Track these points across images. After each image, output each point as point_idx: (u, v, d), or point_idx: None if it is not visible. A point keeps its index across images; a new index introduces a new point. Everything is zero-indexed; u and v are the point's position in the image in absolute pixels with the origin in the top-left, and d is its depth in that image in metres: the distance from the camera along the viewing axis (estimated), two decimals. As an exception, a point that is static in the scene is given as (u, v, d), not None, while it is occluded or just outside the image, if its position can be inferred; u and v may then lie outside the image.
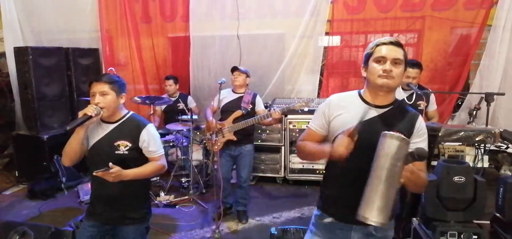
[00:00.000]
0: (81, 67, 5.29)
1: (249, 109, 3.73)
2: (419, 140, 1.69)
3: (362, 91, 1.77)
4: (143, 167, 2.14)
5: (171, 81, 5.16)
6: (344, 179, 1.64)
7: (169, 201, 4.33)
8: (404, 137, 1.49)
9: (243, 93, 3.80)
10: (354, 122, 1.60)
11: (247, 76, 3.86)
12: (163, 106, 5.21)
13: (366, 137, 1.57)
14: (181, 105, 4.64)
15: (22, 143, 5.03)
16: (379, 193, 1.44)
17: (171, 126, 4.67)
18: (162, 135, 4.88)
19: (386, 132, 1.48)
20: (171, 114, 5.03)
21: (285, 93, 5.18)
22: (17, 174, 5.10)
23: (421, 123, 1.72)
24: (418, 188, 1.66)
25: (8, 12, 5.51)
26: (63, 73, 5.08)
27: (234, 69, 3.82)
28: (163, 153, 2.24)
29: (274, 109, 3.50)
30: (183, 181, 4.82)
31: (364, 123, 1.60)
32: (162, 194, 4.40)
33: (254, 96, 3.84)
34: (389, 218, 1.48)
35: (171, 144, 4.80)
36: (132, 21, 5.53)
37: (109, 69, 4.69)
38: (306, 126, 4.81)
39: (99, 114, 2.04)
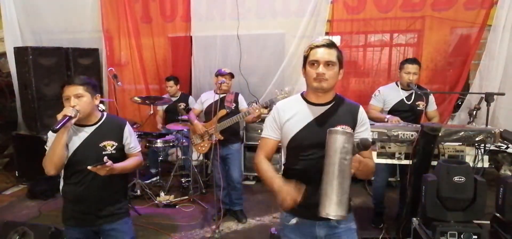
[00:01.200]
0: (81, 67, 5.29)
1: (232, 108, 3.77)
2: (363, 130, 1.81)
3: (304, 92, 1.86)
4: (127, 161, 2.23)
5: (171, 82, 5.17)
6: (301, 179, 1.70)
7: (169, 201, 4.33)
8: (348, 130, 1.61)
9: (226, 93, 3.82)
10: (302, 124, 1.75)
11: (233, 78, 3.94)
12: (164, 106, 5.22)
13: (314, 136, 1.68)
14: (182, 105, 4.64)
15: (22, 143, 5.03)
16: (334, 188, 1.52)
17: (171, 126, 4.67)
18: (162, 135, 4.88)
19: (331, 128, 1.56)
20: (172, 114, 5.04)
21: (284, 92, 5.17)
22: (17, 174, 5.10)
23: (362, 114, 1.83)
24: (367, 175, 1.80)
25: (8, 12, 5.51)
26: (63, 73, 5.08)
27: (225, 74, 3.81)
28: (140, 149, 2.34)
29: (254, 105, 3.52)
30: (183, 181, 4.82)
31: (311, 123, 1.75)
32: (162, 194, 4.40)
33: (237, 94, 3.89)
34: (348, 210, 1.58)
35: (171, 144, 4.80)
36: (132, 21, 5.53)
37: (109, 69, 4.69)
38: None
39: (76, 116, 2.02)
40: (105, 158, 2.01)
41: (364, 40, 5.23)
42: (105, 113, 2.26)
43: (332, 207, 1.52)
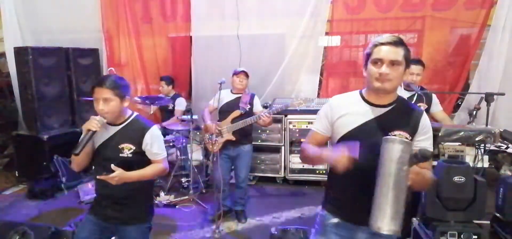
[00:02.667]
0: (81, 67, 5.29)
1: (247, 109, 3.73)
2: (424, 138, 1.66)
3: (363, 90, 1.74)
4: (145, 169, 2.13)
5: (163, 82, 5.19)
6: (348, 180, 1.60)
7: (169, 201, 4.33)
8: (406, 139, 1.47)
9: (241, 93, 3.81)
10: (357, 122, 1.62)
11: (248, 78, 3.88)
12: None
13: (369, 138, 1.56)
14: (170, 106, 4.63)
15: (22, 143, 5.02)
16: (389, 201, 1.41)
17: (171, 126, 4.67)
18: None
19: (387, 137, 1.46)
20: (165, 114, 5.08)
21: (285, 93, 5.18)
22: (17, 174, 5.09)
23: (425, 121, 1.69)
24: (423, 188, 1.66)
25: (8, 12, 5.51)
26: (63, 73, 5.08)
27: (241, 73, 3.80)
28: (165, 155, 2.23)
29: (268, 112, 3.53)
30: (183, 181, 4.82)
31: (367, 123, 1.62)
32: (162, 194, 4.40)
33: (252, 96, 3.85)
34: (401, 225, 1.45)
35: (171, 144, 4.80)
36: (133, 21, 5.53)
37: (109, 69, 4.69)
38: (306, 126, 4.85)
39: (103, 123, 2.03)
40: (113, 166, 1.97)
41: (364, 40, 5.22)
42: (135, 114, 2.21)
43: (386, 221, 1.41)
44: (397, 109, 1.67)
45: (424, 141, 1.65)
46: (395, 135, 1.58)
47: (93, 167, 2.18)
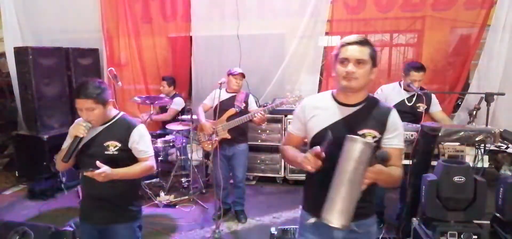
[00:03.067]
0: (81, 67, 5.29)
1: (242, 108, 3.76)
2: (392, 136, 1.70)
3: (335, 90, 1.79)
4: (132, 167, 2.14)
5: (164, 82, 5.21)
6: (321, 179, 1.64)
7: (169, 201, 4.33)
8: (368, 141, 1.53)
9: (236, 92, 3.83)
10: (327, 122, 1.69)
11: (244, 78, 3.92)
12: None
13: (339, 137, 1.58)
14: (168, 106, 4.63)
15: (22, 143, 5.03)
16: (340, 196, 1.47)
17: (170, 126, 4.67)
18: (161, 135, 4.89)
19: (349, 135, 1.51)
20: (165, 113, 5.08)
21: (285, 93, 5.16)
22: (17, 174, 5.10)
23: (394, 118, 1.72)
24: (390, 184, 1.71)
25: (8, 12, 5.51)
26: (63, 73, 5.09)
27: (238, 74, 3.82)
28: (153, 154, 2.24)
29: (262, 110, 3.58)
30: (183, 181, 4.82)
31: (337, 123, 1.68)
32: (162, 194, 4.40)
33: (247, 95, 3.88)
34: (351, 219, 1.51)
35: (171, 144, 4.80)
36: (133, 21, 5.53)
37: (109, 69, 4.68)
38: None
39: (89, 128, 2.05)
40: (98, 162, 1.96)
41: (364, 40, 5.22)
42: (121, 113, 2.23)
43: (335, 214, 1.48)
44: (366, 108, 1.72)
45: (394, 138, 1.70)
46: (363, 134, 1.63)
47: (79, 168, 2.18)
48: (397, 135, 1.71)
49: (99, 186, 2.06)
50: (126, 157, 2.15)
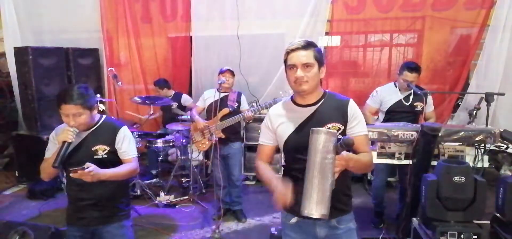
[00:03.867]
0: (81, 67, 5.29)
1: (235, 107, 3.79)
2: (356, 124, 1.78)
3: (293, 95, 1.87)
4: (119, 168, 2.14)
5: (157, 87, 5.21)
6: (298, 179, 1.70)
7: (169, 201, 4.33)
8: (329, 130, 1.61)
9: (228, 92, 3.84)
10: (294, 126, 1.78)
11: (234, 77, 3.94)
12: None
13: (305, 138, 1.63)
14: (175, 105, 4.64)
15: (22, 143, 5.03)
16: (314, 187, 1.53)
17: (170, 126, 4.67)
18: (162, 135, 4.88)
19: (312, 128, 1.57)
20: (167, 114, 5.06)
21: (286, 92, 5.18)
22: (17, 174, 5.10)
23: (352, 108, 1.79)
24: (363, 170, 1.79)
25: (8, 12, 5.51)
26: (63, 73, 5.08)
27: (227, 71, 3.84)
28: (136, 156, 2.24)
29: (252, 110, 3.69)
30: (183, 181, 4.82)
31: (302, 125, 1.76)
32: (162, 194, 4.40)
33: (239, 94, 3.91)
34: (329, 209, 1.55)
35: (171, 144, 4.80)
36: (132, 21, 5.53)
37: (109, 69, 4.69)
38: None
39: (76, 133, 2.04)
40: (87, 163, 1.95)
41: (364, 40, 5.23)
42: (103, 116, 2.23)
43: (312, 206, 1.53)
44: (325, 104, 1.80)
45: (356, 126, 1.77)
46: (329, 128, 1.70)
47: (65, 174, 2.17)
48: (358, 122, 1.78)
49: (88, 189, 2.08)
50: (115, 159, 2.16)
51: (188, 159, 4.69)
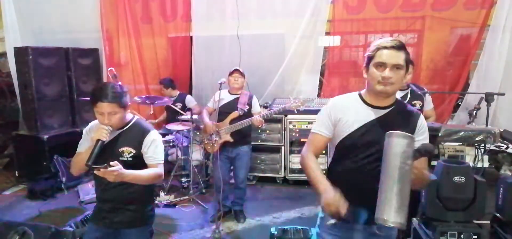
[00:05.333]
0: (81, 67, 5.29)
1: (245, 110, 3.73)
2: (422, 138, 1.70)
3: (363, 92, 1.77)
4: (142, 171, 2.09)
5: (162, 86, 5.25)
6: (347, 180, 1.65)
7: (169, 201, 4.33)
8: (410, 134, 1.52)
9: (239, 94, 3.81)
10: (358, 124, 1.68)
11: (245, 77, 3.86)
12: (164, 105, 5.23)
13: (371, 139, 1.59)
14: (179, 106, 4.63)
15: (22, 143, 5.03)
16: (394, 193, 1.44)
17: (171, 126, 4.67)
18: (162, 135, 4.87)
19: (392, 131, 1.50)
20: (170, 114, 5.06)
21: (285, 93, 5.17)
22: (17, 174, 5.09)
23: (422, 121, 1.75)
24: (422, 185, 1.71)
25: (8, 12, 5.50)
26: (63, 73, 5.08)
27: (235, 71, 3.81)
28: (162, 161, 2.19)
29: (260, 117, 3.56)
30: (183, 181, 4.82)
31: (369, 124, 1.67)
32: (162, 194, 4.40)
33: (251, 97, 3.84)
34: (406, 218, 1.47)
35: (171, 144, 4.79)
36: (133, 21, 5.53)
37: (109, 69, 4.69)
38: (306, 126, 4.83)
39: (111, 131, 2.03)
40: (115, 162, 1.91)
41: (364, 40, 5.22)
42: (135, 118, 2.20)
43: (392, 213, 1.44)
44: (396, 110, 1.72)
45: (422, 140, 1.69)
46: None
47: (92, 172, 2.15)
48: (425, 137, 1.72)
49: (114, 190, 2.06)
50: (140, 163, 2.11)
51: (188, 159, 4.69)
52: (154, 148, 2.13)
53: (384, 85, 1.62)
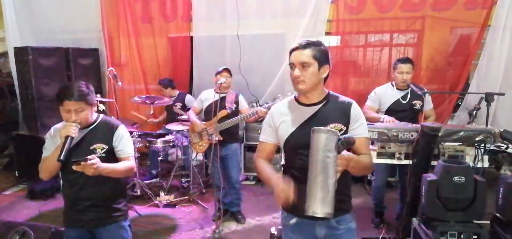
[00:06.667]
0: (81, 67, 5.29)
1: (233, 108, 3.76)
2: (357, 126, 1.79)
3: (296, 94, 1.88)
4: (117, 165, 2.14)
5: (161, 86, 5.25)
6: (297, 178, 1.70)
7: (169, 201, 4.33)
8: (330, 129, 1.64)
9: (226, 93, 3.80)
10: (296, 124, 1.79)
11: (232, 76, 3.90)
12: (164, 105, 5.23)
13: (306, 137, 1.63)
14: (179, 105, 4.63)
15: (22, 143, 5.03)
16: (318, 185, 1.53)
17: (171, 126, 4.67)
18: (162, 135, 4.88)
19: (314, 127, 1.58)
20: (170, 114, 5.05)
21: (286, 93, 5.15)
22: (17, 174, 5.10)
23: (355, 109, 1.81)
24: (363, 171, 1.77)
25: (8, 12, 5.51)
26: (63, 73, 5.09)
27: (224, 70, 3.81)
28: (133, 154, 2.25)
29: (260, 108, 3.65)
30: (183, 181, 4.82)
31: (304, 123, 1.76)
32: (162, 194, 4.40)
33: (237, 95, 3.87)
34: (333, 208, 1.54)
35: (171, 144, 4.80)
36: (133, 21, 5.53)
37: (109, 69, 4.69)
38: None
39: (78, 128, 2.06)
40: (91, 155, 1.96)
41: (364, 40, 5.23)
42: (101, 115, 2.24)
43: (317, 205, 1.52)
44: (328, 104, 1.82)
45: (358, 128, 1.79)
46: (331, 128, 1.70)
47: (62, 173, 2.17)
48: (360, 124, 1.80)
49: (85, 189, 2.09)
50: (112, 158, 2.16)
51: (188, 159, 4.69)
52: (124, 142, 2.19)
53: (297, 84, 1.75)
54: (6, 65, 5.63)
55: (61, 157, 1.97)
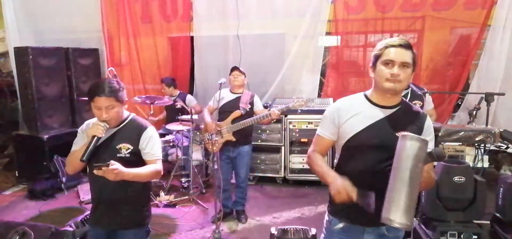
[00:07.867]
0: (81, 67, 5.29)
1: (247, 109, 3.71)
2: (430, 139, 1.68)
3: (368, 92, 1.76)
4: (141, 169, 2.07)
5: (163, 84, 5.24)
6: (355, 182, 1.60)
7: (169, 201, 4.33)
8: (424, 138, 1.51)
9: (241, 93, 3.79)
10: (365, 124, 1.67)
11: (245, 76, 3.85)
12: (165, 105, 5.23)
13: (377, 139, 1.59)
14: (179, 104, 4.63)
15: (22, 143, 5.03)
16: (403, 195, 1.44)
17: (171, 126, 4.67)
18: (162, 135, 4.88)
19: (405, 133, 1.49)
20: (171, 114, 5.05)
21: (286, 93, 5.18)
22: (17, 174, 5.09)
23: (429, 122, 1.74)
24: (428, 187, 1.73)
25: (8, 12, 5.51)
26: (63, 73, 5.08)
27: (234, 69, 3.81)
28: (161, 158, 2.17)
29: (273, 109, 3.53)
30: (183, 181, 4.82)
31: (376, 124, 1.65)
32: (162, 194, 4.40)
33: (252, 96, 3.83)
34: (412, 220, 1.47)
35: (171, 144, 4.79)
36: (132, 21, 5.54)
37: (109, 69, 4.69)
38: (306, 126, 4.82)
39: (106, 128, 2.01)
40: (112, 161, 1.89)
41: (364, 40, 5.23)
42: (131, 115, 2.19)
43: (398, 214, 1.43)
44: (403, 110, 1.71)
45: (430, 142, 1.67)
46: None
47: (88, 169, 2.13)
48: (432, 138, 1.71)
49: (110, 190, 2.04)
50: (138, 160, 2.09)
51: (188, 159, 4.69)
52: (152, 144, 2.12)
53: (393, 82, 1.61)
54: (6, 65, 5.63)
55: (84, 158, 1.93)
